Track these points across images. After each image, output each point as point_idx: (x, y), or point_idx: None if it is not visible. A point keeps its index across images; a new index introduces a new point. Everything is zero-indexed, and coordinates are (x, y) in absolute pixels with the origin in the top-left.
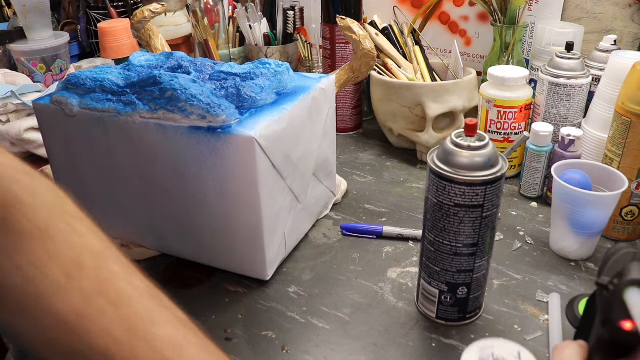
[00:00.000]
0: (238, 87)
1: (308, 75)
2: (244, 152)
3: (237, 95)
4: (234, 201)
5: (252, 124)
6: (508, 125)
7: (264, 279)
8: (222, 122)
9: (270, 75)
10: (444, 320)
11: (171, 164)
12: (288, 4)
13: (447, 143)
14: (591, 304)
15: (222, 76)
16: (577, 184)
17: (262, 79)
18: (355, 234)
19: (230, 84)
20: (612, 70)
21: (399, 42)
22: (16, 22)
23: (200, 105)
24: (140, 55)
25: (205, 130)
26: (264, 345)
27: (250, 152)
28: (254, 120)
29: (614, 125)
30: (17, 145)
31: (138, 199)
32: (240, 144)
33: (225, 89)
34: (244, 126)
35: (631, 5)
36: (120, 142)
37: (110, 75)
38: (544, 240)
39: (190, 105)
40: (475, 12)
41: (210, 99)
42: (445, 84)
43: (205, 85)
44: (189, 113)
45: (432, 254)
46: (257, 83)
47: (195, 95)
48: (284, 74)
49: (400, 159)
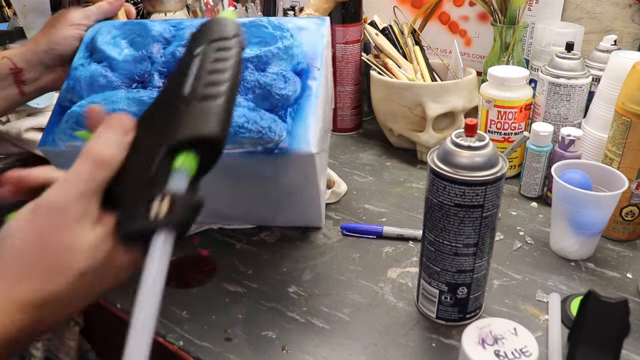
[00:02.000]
0: (263, 85)
1: (303, 23)
2: (304, 165)
3: (267, 97)
4: (293, 191)
5: (303, 133)
6: (508, 125)
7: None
8: (276, 142)
9: (282, 54)
10: (444, 320)
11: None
12: (288, 4)
13: (447, 143)
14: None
15: None
16: (577, 184)
17: (276, 61)
18: (355, 234)
19: (253, 82)
20: (612, 70)
21: (399, 42)
22: (16, 22)
23: (251, 135)
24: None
25: (260, 152)
26: (264, 345)
27: (310, 163)
28: (301, 126)
29: (614, 125)
30: (17, 145)
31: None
32: (299, 160)
33: (252, 92)
34: (296, 139)
35: (631, 5)
36: None
37: (119, 105)
38: (544, 240)
39: (242, 137)
40: (475, 12)
41: (258, 125)
42: (445, 84)
43: (241, 103)
44: (240, 143)
45: (432, 254)
46: (275, 71)
47: (242, 125)
48: (293, 47)
49: (400, 159)
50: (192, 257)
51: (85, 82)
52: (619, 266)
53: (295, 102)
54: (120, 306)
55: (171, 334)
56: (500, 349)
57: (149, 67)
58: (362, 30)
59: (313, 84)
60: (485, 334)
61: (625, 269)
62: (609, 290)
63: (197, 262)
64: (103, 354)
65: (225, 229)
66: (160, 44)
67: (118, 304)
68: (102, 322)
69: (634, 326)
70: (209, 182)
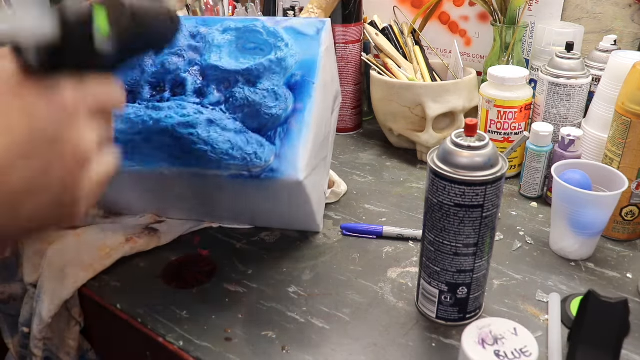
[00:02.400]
0: (252, 104)
1: (302, 28)
2: (293, 190)
3: (256, 116)
4: (286, 206)
5: (292, 157)
6: (508, 125)
7: (318, 231)
8: (263, 167)
9: (275, 66)
10: (444, 320)
11: (215, 193)
12: (288, 4)
13: (447, 143)
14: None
15: (220, 76)
16: (577, 184)
17: (268, 75)
18: (355, 234)
19: (242, 100)
20: (612, 70)
21: (399, 42)
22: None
23: (236, 162)
24: None
25: (247, 176)
26: (264, 345)
27: (299, 189)
28: (290, 149)
29: (614, 125)
30: None
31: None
32: (287, 186)
33: (241, 110)
34: (284, 164)
35: (631, 5)
36: (150, 184)
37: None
38: (544, 240)
39: (226, 164)
40: (475, 12)
41: (243, 152)
42: (445, 84)
43: (227, 127)
44: (225, 169)
45: (432, 254)
46: (266, 87)
47: (227, 152)
48: (287, 58)
49: (400, 159)
50: (192, 257)
51: None
52: (619, 266)
53: (286, 122)
54: (120, 306)
55: (171, 334)
56: (500, 349)
57: (139, 76)
58: (362, 30)
59: (306, 102)
60: (485, 334)
61: (625, 269)
62: (609, 290)
63: (197, 262)
64: (103, 354)
65: (225, 228)
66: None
67: (118, 304)
68: (102, 322)
69: (634, 326)
70: (201, 191)
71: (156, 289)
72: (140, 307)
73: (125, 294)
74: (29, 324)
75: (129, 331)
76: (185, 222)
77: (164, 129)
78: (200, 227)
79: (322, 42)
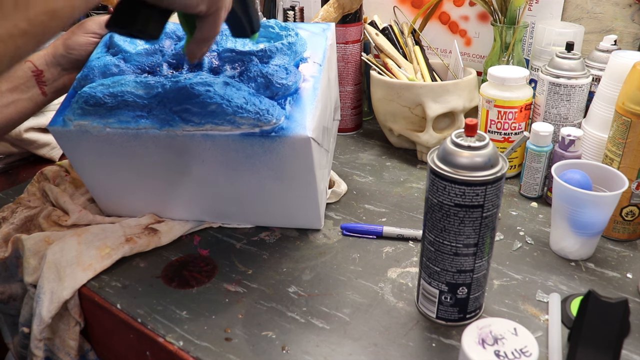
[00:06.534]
0: (265, 75)
1: (310, 28)
2: (300, 149)
3: (269, 86)
4: (290, 182)
5: (300, 119)
6: (508, 125)
7: (319, 228)
8: (273, 125)
9: (286, 49)
10: (444, 321)
11: (222, 163)
12: (288, 4)
13: (447, 143)
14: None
15: (236, 57)
16: (577, 184)
17: (280, 56)
18: (355, 234)
19: (256, 72)
20: (612, 70)
21: (399, 42)
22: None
23: (249, 115)
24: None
25: (258, 135)
26: (264, 345)
27: (307, 149)
28: (299, 112)
29: (614, 125)
30: (17, 146)
31: (186, 191)
32: (296, 144)
33: (254, 80)
34: (294, 123)
35: (631, 5)
36: (161, 151)
37: (127, 87)
38: (544, 240)
39: (240, 117)
40: (475, 12)
41: (257, 107)
42: (445, 84)
43: (242, 88)
44: (238, 124)
45: (432, 254)
46: (278, 64)
47: (241, 106)
48: (297, 44)
49: (400, 159)
50: (192, 257)
51: (98, 71)
52: (619, 266)
53: (296, 92)
54: (120, 306)
55: (171, 334)
56: (500, 349)
57: (160, 59)
58: (362, 30)
59: (313, 78)
60: (485, 334)
61: (625, 269)
62: (609, 290)
63: (197, 262)
64: (103, 354)
65: (225, 228)
66: (172, 40)
67: (118, 304)
68: (102, 322)
69: (634, 326)
70: (206, 175)
71: (156, 289)
72: (140, 307)
73: (125, 294)
74: (29, 324)
75: (129, 331)
76: (185, 222)
77: (181, 88)
78: (200, 227)
79: (328, 38)
